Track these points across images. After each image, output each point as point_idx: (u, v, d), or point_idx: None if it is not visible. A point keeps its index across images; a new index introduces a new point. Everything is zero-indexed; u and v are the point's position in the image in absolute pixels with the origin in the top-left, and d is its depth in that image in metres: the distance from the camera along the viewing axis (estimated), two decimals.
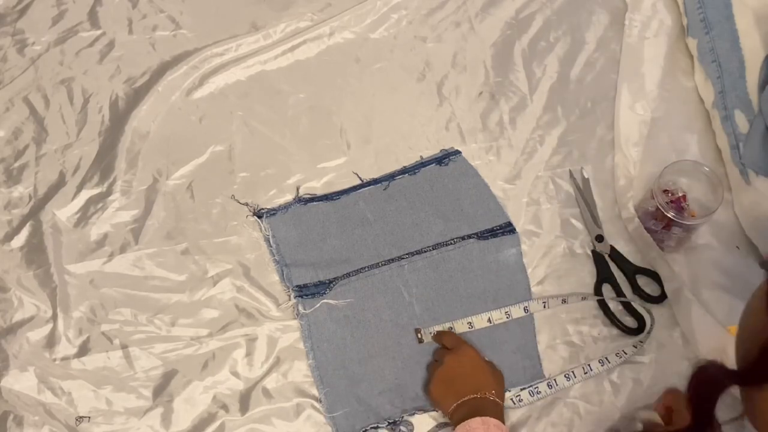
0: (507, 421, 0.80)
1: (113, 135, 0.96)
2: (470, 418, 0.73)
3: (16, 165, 0.95)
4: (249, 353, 0.85)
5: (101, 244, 0.89)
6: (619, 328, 0.86)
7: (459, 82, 1.01)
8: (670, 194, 0.87)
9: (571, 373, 0.83)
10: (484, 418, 0.73)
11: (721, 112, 0.93)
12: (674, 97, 1.00)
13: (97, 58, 1.02)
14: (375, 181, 0.94)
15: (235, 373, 0.84)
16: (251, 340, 0.85)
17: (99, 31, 1.04)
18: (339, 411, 0.82)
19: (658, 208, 0.84)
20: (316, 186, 0.94)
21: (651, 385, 0.83)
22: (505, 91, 1.01)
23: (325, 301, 0.86)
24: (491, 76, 1.02)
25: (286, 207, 0.92)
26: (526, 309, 0.87)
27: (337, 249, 0.90)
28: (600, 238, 0.90)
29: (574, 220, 0.93)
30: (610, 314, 0.87)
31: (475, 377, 0.78)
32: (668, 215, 0.83)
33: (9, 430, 0.80)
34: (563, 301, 0.87)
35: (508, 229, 0.91)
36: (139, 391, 0.83)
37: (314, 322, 0.86)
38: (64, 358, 0.83)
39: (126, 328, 0.85)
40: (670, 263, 0.87)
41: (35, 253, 0.89)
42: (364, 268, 0.89)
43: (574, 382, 0.83)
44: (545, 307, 0.87)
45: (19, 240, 0.90)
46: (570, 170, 0.95)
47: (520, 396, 0.83)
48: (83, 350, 0.84)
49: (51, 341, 0.84)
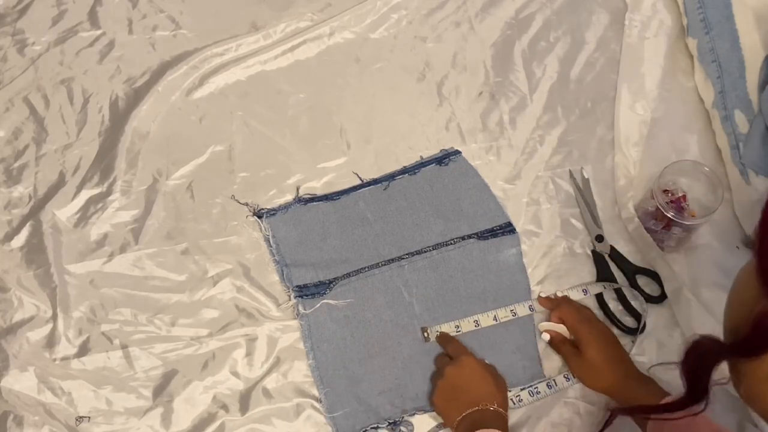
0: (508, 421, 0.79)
1: (113, 135, 0.96)
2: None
3: (16, 165, 0.95)
4: (249, 353, 0.85)
5: (101, 244, 0.89)
6: (619, 328, 0.86)
7: (459, 82, 1.01)
8: (670, 194, 0.87)
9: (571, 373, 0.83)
10: (488, 430, 0.72)
11: (721, 112, 0.93)
12: (674, 97, 1.00)
13: (97, 58, 1.02)
14: (375, 181, 0.94)
15: (235, 373, 0.84)
16: (251, 340, 0.85)
17: (99, 31, 1.04)
18: (339, 411, 0.82)
19: (658, 208, 0.84)
20: (316, 186, 0.94)
21: None
22: (505, 91, 1.01)
23: (325, 301, 0.86)
24: (491, 76, 1.02)
25: (286, 207, 0.92)
26: (531, 307, 0.87)
27: (337, 249, 0.90)
28: (600, 238, 0.90)
29: (574, 220, 0.93)
30: (609, 314, 0.87)
31: (476, 389, 0.77)
32: (668, 215, 0.83)
33: (9, 430, 0.80)
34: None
35: (508, 229, 0.91)
36: (139, 391, 0.82)
37: (314, 322, 0.86)
38: (64, 358, 0.83)
39: (126, 328, 0.85)
40: (670, 263, 0.87)
41: (35, 253, 0.89)
42: (364, 268, 0.89)
43: (573, 382, 0.83)
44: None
45: (19, 240, 0.90)
46: (570, 170, 0.95)
47: (519, 396, 0.82)
48: (83, 350, 0.84)
49: (51, 341, 0.84)
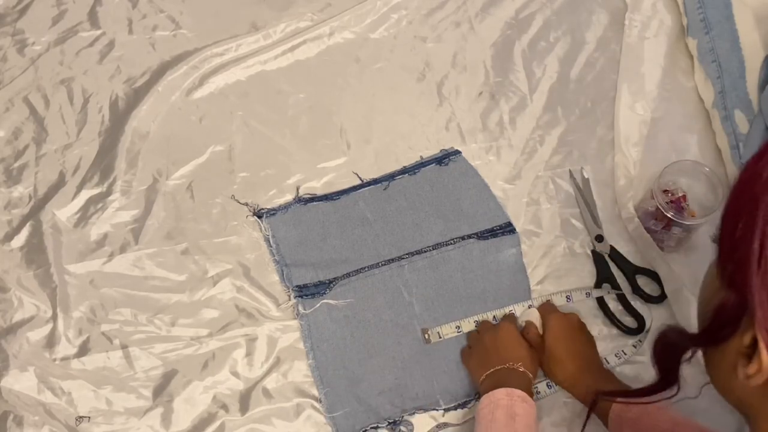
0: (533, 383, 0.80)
1: (113, 135, 0.96)
2: (496, 389, 0.74)
3: (16, 165, 0.95)
4: (249, 353, 0.85)
5: (101, 244, 0.89)
6: (619, 328, 0.86)
7: (459, 82, 1.01)
8: (670, 194, 0.87)
9: None
10: (509, 389, 0.74)
11: (721, 112, 0.93)
12: (674, 97, 1.00)
13: (97, 58, 1.02)
14: (375, 181, 0.94)
15: (235, 373, 0.84)
16: (251, 340, 0.85)
17: (99, 31, 1.04)
18: (339, 411, 0.82)
19: (658, 208, 0.84)
20: (316, 186, 0.94)
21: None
22: (505, 91, 1.01)
23: (325, 301, 0.86)
24: (491, 76, 1.02)
25: (286, 207, 0.92)
26: (530, 308, 0.87)
27: (337, 249, 0.90)
28: (600, 238, 0.90)
29: (574, 220, 0.93)
30: (609, 314, 0.87)
31: (508, 350, 0.79)
32: (668, 215, 0.83)
33: (9, 430, 0.80)
34: (567, 298, 0.87)
35: (508, 229, 0.91)
36: (139, 391, 0.83)
37: (314, 322, 0.86)
38: (64, 358, 0.83)
39: (126, 328, 0.85)
40: (670, 263, 0.87)
41: (35, 253, 0.89)
42: (364, 268, 0.89)
43: None
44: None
45: (19, 240, 0.90)
46: (570, 170, 0.95)
47: None
48: (83, 350, 0.84)
49: (51, 341, 0.84)
